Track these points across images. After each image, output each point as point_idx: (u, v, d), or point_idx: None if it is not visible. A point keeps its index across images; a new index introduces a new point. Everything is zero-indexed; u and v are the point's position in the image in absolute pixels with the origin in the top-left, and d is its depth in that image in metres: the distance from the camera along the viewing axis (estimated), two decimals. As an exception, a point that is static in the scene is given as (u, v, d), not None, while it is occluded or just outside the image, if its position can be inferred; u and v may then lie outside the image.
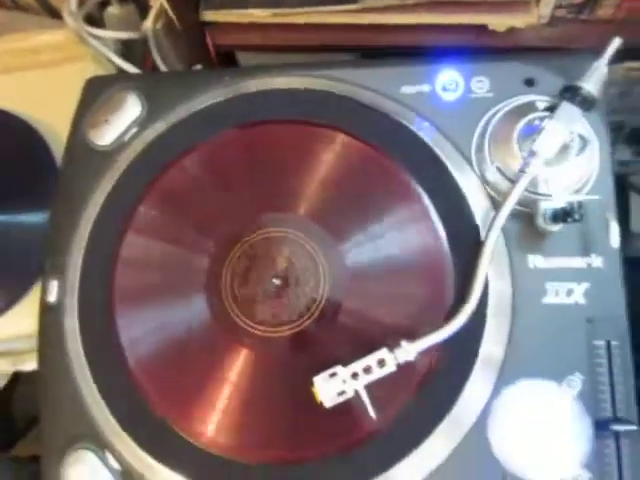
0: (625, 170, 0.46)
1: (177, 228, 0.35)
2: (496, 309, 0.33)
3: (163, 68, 0.55)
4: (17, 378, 0.63)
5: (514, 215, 0.34)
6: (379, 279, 0.34)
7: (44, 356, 0.37)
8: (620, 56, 0.46)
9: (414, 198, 0.35)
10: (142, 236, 0.36)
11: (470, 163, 0.35)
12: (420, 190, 0.35)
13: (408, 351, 0.30)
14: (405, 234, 0.35)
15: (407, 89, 0.37)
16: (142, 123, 0.39)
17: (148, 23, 0.54)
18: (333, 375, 0.30)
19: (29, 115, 0.48)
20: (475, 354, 0.33)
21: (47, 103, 0.48)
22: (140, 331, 0.34)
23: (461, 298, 0.32)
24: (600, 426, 0.32)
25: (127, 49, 0.56)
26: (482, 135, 0.35)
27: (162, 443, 0.33)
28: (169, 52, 0.57)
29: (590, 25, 0.47)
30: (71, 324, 0.35)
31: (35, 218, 0.46)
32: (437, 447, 0.32)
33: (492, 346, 0.33)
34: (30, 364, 0.50)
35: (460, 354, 0.33)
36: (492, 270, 0.33)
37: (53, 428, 0.36)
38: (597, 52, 0.34)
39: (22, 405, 0.66)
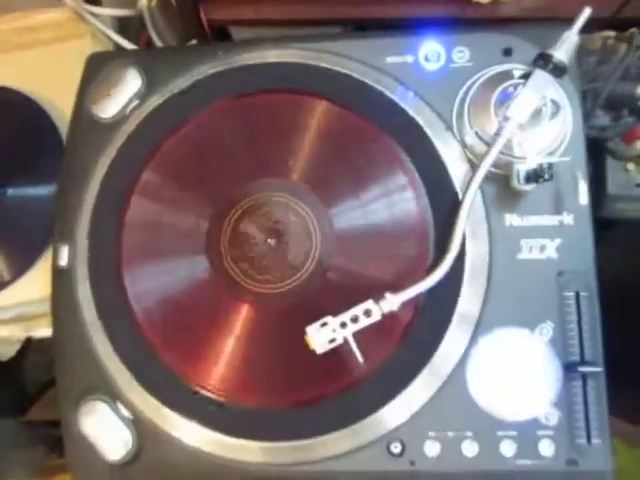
0: (603, 135, 0.48)
1: (178, 192, 0.38)
2: (474, 264, 0.36)
3: (158, 44, 0.56)
4: (28, 347, 0.66)
5: (491, 178, 0.37)
6: (365, 239, 0.37)
7: (58, 315, 0.40)
8: (597, 26, 0.49)
9: (397, 163, 0.37)
10: (145, 199, 0.38)
11: (451, 129, 0.38)
12: (402, 155, 0.37)
13: (392, 302, 0.33)
14: (389, 197, 0.37)
15: (392, 59, 0.39)
16: (142, 96, 0.41)
17: (143, 0, 0.56)
18: (324, 325, 0.33)
19: (31, 91, 0.50)
20: (454, 306, 0.35)
21: (48, 79, 0.50)
22: (147, 287, 0.37)
23: (442, 255, 0.34)
24: (569, 368, 0.35)
25: (123, 26, 0.58)
26: (462, 102, 0.38)
27: (170, 391, 0.36)
28: (164, 28, 0.59)
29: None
30: (82, 284, 0.38)
31: (42, 191, 0.49)
32: (421, 390, 0.35)
33: (470, 298, 0.36)
34: (41, 330, 0.53)
35: (440, 306, 0.35)
36: (470, 228, 0.36)
37: (68, 382, 0.39)
38: (572, 22, 0.36)
39: (34, 373, 0.69)
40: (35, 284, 0.47)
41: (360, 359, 0.32)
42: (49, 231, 0.46)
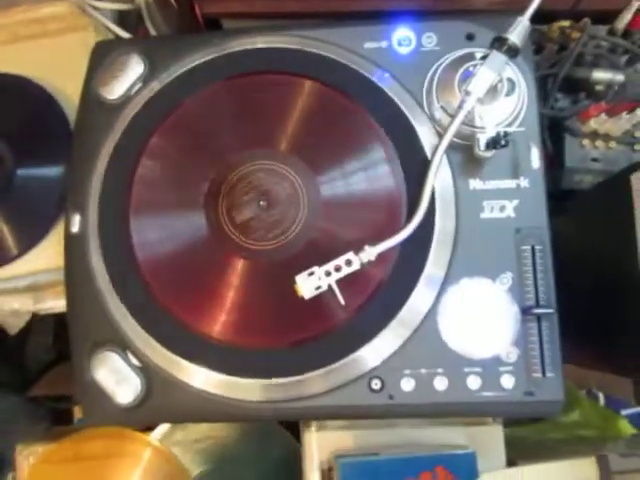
0: (561, 114, 0.53)
1: (182, 157, 0.42)
2: (442, 223, 0.41)
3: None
4: (30, 329, 0.69)
5: (457, 148, 0.42)
6: (347, 203, 0.41)
7: (71, 276, 0.44)
8: (557, 18, 0.54)
9: (375, 136, 0.42)
10: (152, 162, 0.43)
11: (421, 105, 0.43)
12: (380, 128, 0.42)
13: (370, 253, 0.37)
14: (368, 165, 0.42)
15: (369, 45, 0.44)
16: (145, 79, 0.45)
17: (141, -5, 0.61)
18: (311, 274, 0.38)
19: (39, 78, 0.54)
20: (426, 258, 0.40)
21: (54, 67, 0.54)
22: (152, 242, 0.42)
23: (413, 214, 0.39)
24: (525, 312, 0.40)
25: (122, 19, 0.62)
26: (431, 81, 0.43)
27: (176, 338, 0.40)
28: (160, 22, 0.63)
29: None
30: (93, 247, 0.42)
31: (49, 171, 0.53)
32: (396, 333, 0.40)
33: (439, 253, 0.41)
34: (49, 302, 0.57)
35: (413, 259, 0.40)
36: (440, 192, 0.41)
37: (81, 336, 0.43)
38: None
39: (35, 353, 0.73)
40: (45, 256, 0.51)
41: (342, 302, 0.37)
42: (56, 208, 0.51)
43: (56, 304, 0.57)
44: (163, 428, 0.56)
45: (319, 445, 0.49)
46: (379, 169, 0.42)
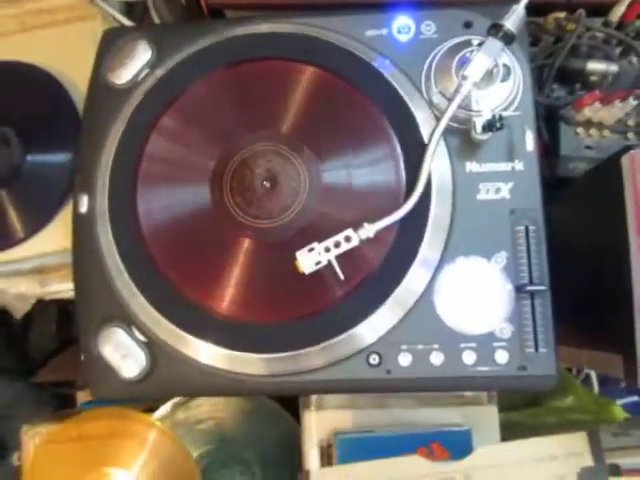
0: (557, 103, 0.54)
1: (188, 139, 0.44)
2: (439, 204, 0.42)
3: (160, 25, 0.62)
4: (33, 319, 0.71)
5: (454, 132, 0.43)
6: (347, 184, 0.43)
7: (79, 256, 0.45)
8: (550, 8, 0.55)
9: (376, 120, 0.44)
10: (161, 140, 0.44)
11: (420, 91, 0.44)
12: (380, 113, 0.44)
13: (368, 230, 0.39)
14: (368, 150, 0.43)
15: (370, 32, 0.46)
16: (152, 65, 0.47)
17: (146, -14, 0.62)
18: (311, 250, 0.39)
19: (48, 66, 0.56)
20: (422, 237, 0.41)
21: (63, 56, 0.56)
22: (160, 220, 0.43)
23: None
24: (519, 290, 0.41)
25: (129, 10, 0.64)
26: (429, 67, 0.44)
27: (181, 313, 0.42)
28: (165, 12, 0.65)
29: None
30: (102, 226, 0.44)
31: (58, 157, 0.54)
32: (393, 311, 0.41)
33: (436, 231, 0.42)
34: (55, 285, 0.58)
35: (411, 237, 0.41)
36: (437, 174, 0.42)
37: (88, 312, 0.45)
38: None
39: (39, 341, 0.74)
40: (51, 238, 0.53)
41: (341, 277, 0.39)
42: (64, 193, 0.52)
43: (61, 287, 0.58)
44: (165, 409, 0.58)
45: (318, 424, 0.50)
46: (379, 152, 0.43)
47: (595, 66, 0.54)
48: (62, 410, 0.69)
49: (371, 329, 0.41)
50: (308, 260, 0.39)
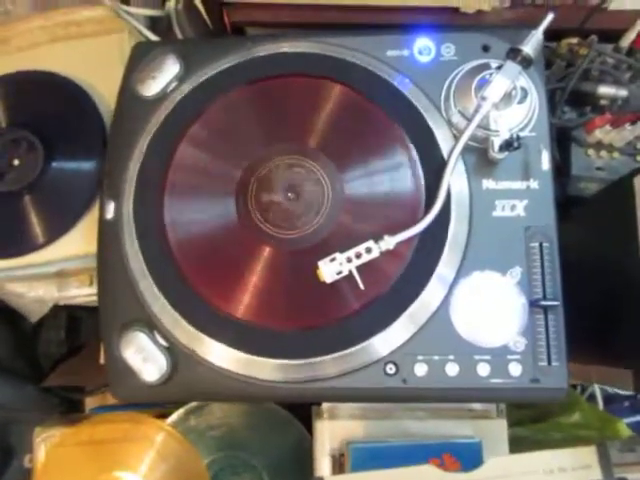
0: (568, 125, 0.56)
1: (215, 151, 0.45)
2: (457, 219, 0.43)
3: (183, 40, 0.64)
4: (42, 325, 0.72)
5: (472, 150, 0.45)
6: (369, 198, 0.44)
7: (104, 261, 0.47)
8: (563, 34, 0.57)
9: (397, 137, 0.45)
10: (188, 153, 0.46)
11: (439, 110, 0.46)
12: (401, 130, 0.45)
13: (389, 242, 0.40)
14: (389, 165, 0.45)
15: (391, 53, 0.47)
16: (180, 78, 0.48)
17: (171, 3, 0.64)
18: (333, 260, 0.40)
19: (76, 77, 0.57)
20: (440, 252, 0.43)
21: (91, 67, 0.57)
22: (185, 228, 0.44)
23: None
24: (533, 304, 0.42)
25: (154, 24, 0.66)
26: (449, 88, 0.46)
27: (203, 318, 0.43)
28: (187, 27, 0.67)
29: (542, 9, 0.57)
30: (128, 232, 0.45)
31: (83, 165, 0.55)
32: (410, 323, 0.42)
33: (454, 247, 0.43)
34: (72, 290, 0.59)
35: (429, 252, 0.43)
36: (455, 191, 0.44)
37: (111, 315, 0.46)
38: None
39: (48, 347, 0.75)
40: (72, 245, 0.54)
41: (361, 287, 0.40)
42: (87, 200, 0.53)
43: (79, 292, 0.59)
44: (178, 414, 0.58)
45: (330, 433, 0.51)
46: (400, 168, 0.45)
47: (605, 90, 0.56)
48: (72, 414, 0.69)
49: (387, 341, 0.42)
50: (330, 270, 0.40)
